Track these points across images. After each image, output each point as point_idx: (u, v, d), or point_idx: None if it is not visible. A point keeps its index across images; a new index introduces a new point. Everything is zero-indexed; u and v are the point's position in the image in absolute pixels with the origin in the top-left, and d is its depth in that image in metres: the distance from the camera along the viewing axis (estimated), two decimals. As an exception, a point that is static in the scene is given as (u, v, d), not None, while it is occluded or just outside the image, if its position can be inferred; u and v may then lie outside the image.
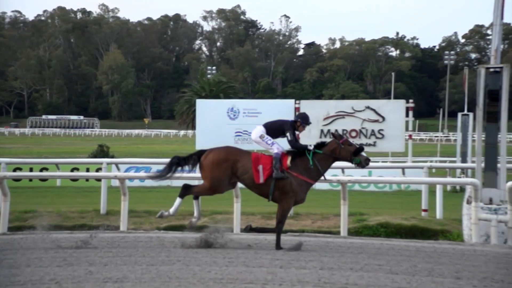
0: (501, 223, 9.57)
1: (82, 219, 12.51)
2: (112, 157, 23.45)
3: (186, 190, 8.99)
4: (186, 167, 9.07)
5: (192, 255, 8.11)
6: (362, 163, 8.74)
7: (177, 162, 9.05)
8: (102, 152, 25.99)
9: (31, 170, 17.60)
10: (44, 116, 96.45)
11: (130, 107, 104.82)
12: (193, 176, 10.14)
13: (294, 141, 8.82)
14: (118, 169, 15.98)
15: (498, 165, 10.30)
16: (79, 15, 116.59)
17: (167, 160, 9.36)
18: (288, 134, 8.83)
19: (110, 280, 6.70)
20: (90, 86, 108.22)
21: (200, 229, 11.46)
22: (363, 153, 8.83)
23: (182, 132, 70.15)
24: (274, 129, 9.02)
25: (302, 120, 9.08)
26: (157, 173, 9.37)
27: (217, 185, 8.81)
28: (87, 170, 18.55)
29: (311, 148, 8.75)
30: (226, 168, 8.69)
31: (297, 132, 9.05)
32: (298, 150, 8.76)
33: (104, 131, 77.95)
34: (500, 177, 10.17)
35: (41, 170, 17.59)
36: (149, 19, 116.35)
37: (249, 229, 8.95)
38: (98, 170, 16.55)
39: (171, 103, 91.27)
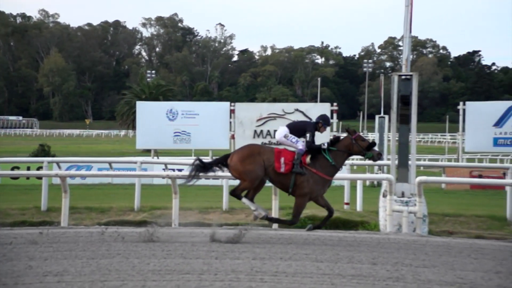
0: (411, 214, 9.85)
1: (22, 216, 12.06)
2: (53, 156, 22.85)
3: (234, 192, 8.89)
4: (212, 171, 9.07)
5: (132, 248, 8.01)
6: (375, 157, 8.74)
7: (204, 166, 9.01)
8: (43, 151, 25.26)
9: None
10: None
11: (71, 108, 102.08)
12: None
13: (310, 142, 8.77)
14: (59, 167, 15.58)
15: (409, 162, 10.58)
16: (18, 20, 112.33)
17: (108, 158, 9.22)
18: (308, 135, 8.79)
19: (50, 274, 6.55)
20: (30, 88, 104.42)
21: (140, 224, 11.38)
22: (375, 148, 8.85)
23: (122, 132, 68.96)
24: (297, 129, 8.97)
25: (324, 122, 9.03)
26: (188, 174, 9.32)
27: (254, 177, 8.60)
28: (28, 169, 17.97)
29: (325, 146, 8.71)
30: (255, 161, 8.57)
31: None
32: (313, 150, 8.70)
33: (45, 131, 75.50)
34: (411, 173, 10.44)
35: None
36: (89, 24, 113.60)
37: (265, 218, 8.90)
38: (39, 168, 16.08)
39: (112, 105, 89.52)
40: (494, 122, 16.39)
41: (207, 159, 10.41)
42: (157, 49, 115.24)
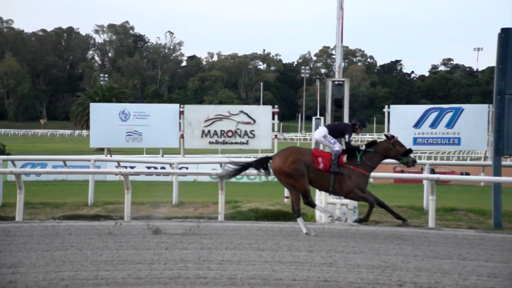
0: (343, 205, 10.04)
1: (-24, 210, 11.62)
2: (8, 154, 22.08)
3: (307, 201, 8.67)
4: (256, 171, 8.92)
5: (86, 241, 7.84)
6: (409, 163, 8.68)
7: (246, 167, 8.87)
8: (-2, 149, 24.39)
9: None
10: None
11: (26, 109, 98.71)
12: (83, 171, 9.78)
13: (349, 143, 8.71)
14: (14, 165, 15.07)
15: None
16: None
17: (62, 157, 8.99)
18: (346, 136, 8.70)
19: (4, 266, 6.34)
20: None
21: (93, 218, 11.16)
22: (411, 155, 8.75)
23: (77, 132, 67.17)
24: (336, 130, 8.86)
25: (361, 124, 8.96)
26: (225, 172, 9.16)
27: (302, 174, 8.39)
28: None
29: (363, 148, 8.63)
30: (296, 160, 8.40)
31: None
32: (352, 150, 8.62)
33: (0, 131, 72.70)
34: (344, 169, 10.70)
35: None
36: (43, 30, 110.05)
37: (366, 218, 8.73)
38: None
39: (66, 106, 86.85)
40: (413, 124, 16.84)
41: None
42: (110, 54, 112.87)
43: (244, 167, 8.91)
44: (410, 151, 8.85)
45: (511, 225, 10.39)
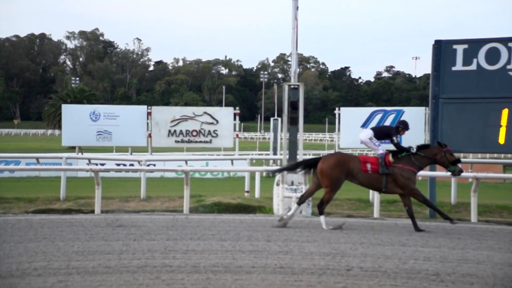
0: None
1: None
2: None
3: (321, 206, 8.51)
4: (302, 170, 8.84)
5: (58, 233, 7.67)
6: (456, 172, 8.47)
7: (296, 166, 8.83)
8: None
9: None
10: None
11: (0, 110, 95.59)
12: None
13: (398, 144, 8.54)
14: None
15: (298, 156, 10.77)
16: None
17: (35, 154, 8.76)
18: (394, 138, 8.51)
19: None
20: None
21: (65, 212, 10.91)
22: (459, 165, 8.53)
23: (49, 132, 65.29)
24: (382, 133, 8.71)
25: (404, 126, 8.77)
26: (279, 167, 9.04)
27: (336, 183, 8.35)
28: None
29: (414, 150, 8.41)
30: (342, 169, 8.27)
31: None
32: (401, 151, 8.44)
33: (-27, 130, 70.15)
34: (299, 166, 10.79)
35: None
36: (16, 36, 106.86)
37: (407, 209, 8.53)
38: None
39: (39, 107, 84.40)
40: (361, 124, 17.05)
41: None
42: (81, 59, 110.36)
43: (296, 165, 8.96)
44: (458, 160, 8.67)
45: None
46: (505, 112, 10.11)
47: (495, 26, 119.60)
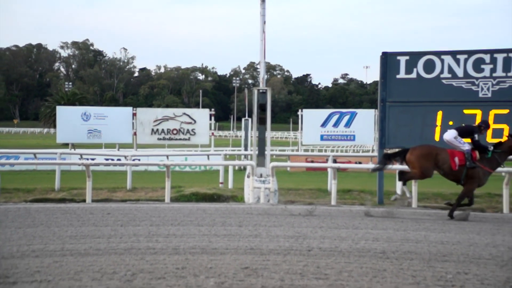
0: (266, 189, 10.09)
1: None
2: (-15, 149, 20.67)
3: (401, 175, 8.24)
4: (394, 162, 8.47)
5: (53, 219, 7.48)
6: None
7: (388, 158, 8.41)
8: (-24, 145, 22.70)
9: None
10: None
11: (1, 111, 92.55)
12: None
13: (478, 142, 8.18)
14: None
15: (266, 152, 10.84)
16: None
17: (33, 150, 8.51)
18: (475, 136, 8.14)
19: None
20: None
21: (59, 201, 10.66)
22: None
23: (45, 130, 63.60)
24: (466, 132, 8.26)
25: (485, 126, 8.47)
26: (376, 166, 8.75)
27: (425, 172, 8.06)
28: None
29: (491, 148, 8.13)
30: (431, 159, 7.98)
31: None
32: (480, 149, 8.14)
33: (-23, 129, 67.74)
34: (266, 160, 10.73)
35: None
36: (16, 46, 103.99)
37: (447, 203, 8.46)
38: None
39: (36, 108, 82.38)
40: (320, 124, 17.30)
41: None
42: (73, 66, 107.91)
43: (387, 157, 8.65)
44: None
45: (390, 201, 10.88)
46: (439, 114, 10.37)
47: (434, 40, 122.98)
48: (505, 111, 10.00)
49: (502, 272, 5.01)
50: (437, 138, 10.33)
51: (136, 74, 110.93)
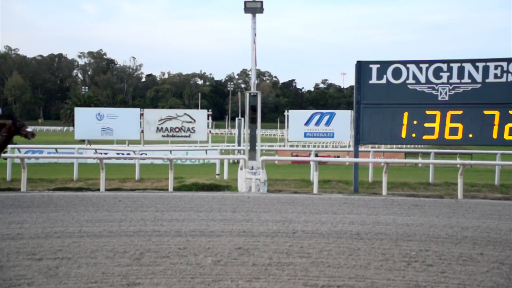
0: (257, 180, 10.06)
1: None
2: (15, 144, 20.42)
3: None
4: None
5: (72, 206, 7.43)
6: None
7: None
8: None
9: None
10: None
11: (28, 112, 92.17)
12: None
13: None
14: (19, 151, 14.13)
15: (256, 147, 10.80)
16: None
17: (55, 145, 8.42)
18: None
19: (14, 223, 6.02)
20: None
21: (77, 189, 10.56)
22: None
23: (65, 128, 63.27)
24: None
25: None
26: None
27: None
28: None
29: None
30: None
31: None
32: None
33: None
34: (257, 154, 10.71)
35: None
36: (40, 55, 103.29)
37: None
38: (5, 152, 14.34)
39: (57, 109, 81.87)
40: (304, 123, 17.29)
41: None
42: (89, 73, 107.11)
43: None
44: None
45: (363, 190, 10.96)
46: (405, 115, 10.42)
47: (402, 51, 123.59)
48: (460, 112, 10.12)
49: (457, 249, 5.08)
50: (403, 135, 10.40)
51: (143, 79, 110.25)
